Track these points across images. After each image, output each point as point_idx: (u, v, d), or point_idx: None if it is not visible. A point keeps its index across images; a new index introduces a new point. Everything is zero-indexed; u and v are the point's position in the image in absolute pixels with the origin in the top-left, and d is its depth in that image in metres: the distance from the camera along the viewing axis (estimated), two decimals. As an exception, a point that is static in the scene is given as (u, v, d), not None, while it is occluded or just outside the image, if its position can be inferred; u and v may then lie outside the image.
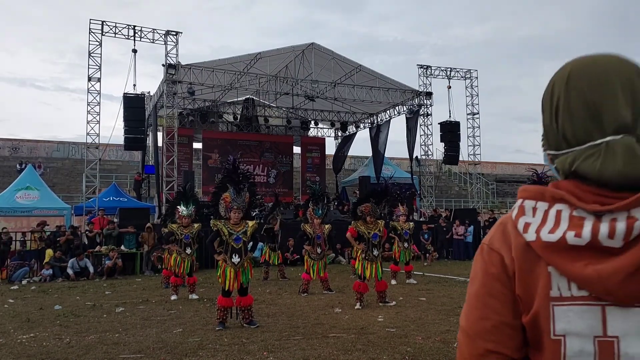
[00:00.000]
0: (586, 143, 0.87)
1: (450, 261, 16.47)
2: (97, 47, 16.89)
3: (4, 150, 27.42)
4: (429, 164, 22.11)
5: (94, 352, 5.30)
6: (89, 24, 16.79)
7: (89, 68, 16.87)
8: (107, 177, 23.11)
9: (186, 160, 21.14)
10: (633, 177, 0.82)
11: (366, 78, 19.94)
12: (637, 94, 0.86)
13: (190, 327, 6.52)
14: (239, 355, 5.10)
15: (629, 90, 0.86)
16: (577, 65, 0.91)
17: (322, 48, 18.84)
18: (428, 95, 21.09)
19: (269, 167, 23.58)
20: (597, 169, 0.84)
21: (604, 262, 0.81)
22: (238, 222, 6.51)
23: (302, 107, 23.85)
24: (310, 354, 5.05)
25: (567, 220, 0.85)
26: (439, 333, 5.83)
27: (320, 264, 9.40)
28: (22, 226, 15.67)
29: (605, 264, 0.81)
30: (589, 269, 0.82)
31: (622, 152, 0.83)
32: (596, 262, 0.82)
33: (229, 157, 6.92)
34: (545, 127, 0.95)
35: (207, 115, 22.39)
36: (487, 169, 34.35)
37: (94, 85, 16.98)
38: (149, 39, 17.27)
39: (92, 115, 17.02)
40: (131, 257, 13.90)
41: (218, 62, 18.06)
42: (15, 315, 7.64)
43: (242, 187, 6.55)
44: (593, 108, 0.87)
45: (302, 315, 7.17)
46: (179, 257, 9.17)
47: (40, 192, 15.61)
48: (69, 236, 13.83)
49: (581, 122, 0.88)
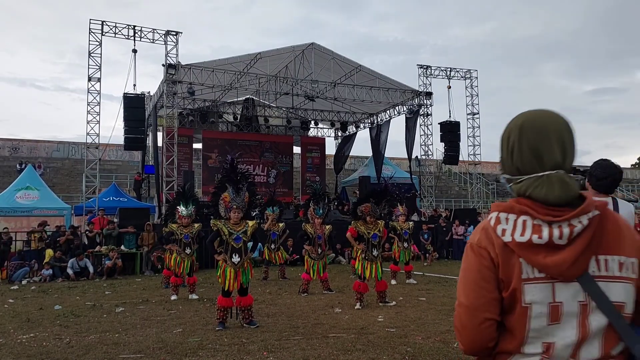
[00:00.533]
0: (532, 174, 1.32)
1: (450, 261, 16.46)
2: (97, 47, 16.90)
3: (4, 150, 27.42)
4: (429, 164, 22.11)
5: (94, 352, 5.30)
6: (89, 24, 16.80)
7: (89, 68, 16.89)
8: (107, 177, 23.11)
9: (186, 160, 21.13)
10: (566, 198, 1.29)
11: (366, 78, 19.93)
12: (565, 143, 1.32)
13: (190, 327, 6.52)
14: (239, 355, 5.10)
15: (560, 140, 1.32)
16: (527, 119, 1.35)
17: (322, 48, 18.83)
18: (428, 95, 21.09)
19: (269, 167, 23.58)
20: (543, 194, 1.30)
21: (555, 254, 1.25)
22: (238, 221, 6.51)
23: (302, 107, 23.85)
24: (310, 354, 5.05)
25: (531, 227, 1.28)
26: (438, 333, 5.83)
27: (320, 264, 9.40)
28: (22, 226, 15.67)
29: (557, 256, 1.25)
30: (547, 259, 1.26)
31: (558, 182, 1.29)
32: (551, 254, 1.26)
33: (228, 156, 6.91)
34: (502, 159, 1.40)
35: (207, 115, 22.38)
36: (487, 169, 34.35)
37: (94, 85, 16.99)
38: (149, 39, 17.28)
39: (92, 115, 17.03)
40: (131, 257, 13.89)
41: (218, 62, 18.05)
42: (15, 315, 7.64)
43: (241, 187, 6.54)
44: (536, 151, 1.31)
45: (302, 315, 7.17)
46: (179, 257, 9.18)
47: (40, 192, 15.62)
48: (69, 236, 13.82)
49: (529, 160, 1.32)
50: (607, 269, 1.29)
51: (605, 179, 3.45)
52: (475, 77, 22.10)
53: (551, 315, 1.27)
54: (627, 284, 1.28)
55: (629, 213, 3.46)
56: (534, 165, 1.32)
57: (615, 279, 1.28)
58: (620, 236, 1.32)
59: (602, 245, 1.30)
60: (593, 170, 3.52)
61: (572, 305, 1.27)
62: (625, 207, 3.46)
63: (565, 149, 1.32)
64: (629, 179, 39.81)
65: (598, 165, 3.51)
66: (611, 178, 3.44)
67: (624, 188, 33.42)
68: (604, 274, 1.28)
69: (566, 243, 1.26)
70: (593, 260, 1.28)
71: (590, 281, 1.27)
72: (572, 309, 1.27)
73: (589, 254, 1.27)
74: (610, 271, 1.29)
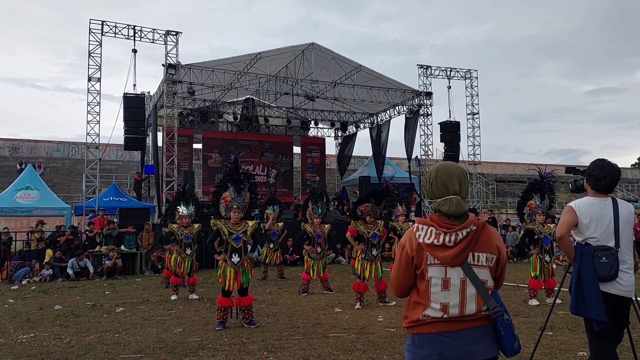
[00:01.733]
0: (442, 197, 2.19)
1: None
2: (97, 47, 16.90)
3: (4, 150, 27.43)
4: (429, 164, 22.10)
5: (94, 352, 5.30)
6: (89, 24, 16.80)
7: (89, 68, 16.88)
8: (107, 177, 23.12)
9: (186, 160, 21.13)
10: (459, 213, 2.14)
11: (366, 78, 19.93)
12: (461, 180, 2.22)
13: (190, 327, 6.52)
14: (239, 355, 5.10)
15: (458, 178, 2.22)
16: (440, 166, 2.28)
17: (322, 48, 18.83)
18: (428, 95, 21.09)
19: (269, 167, 23.58)
20: (446, 209, 2.15)
21: (446, 251, 2.11)
22: (238, 221, 6.51)
23: (302, 107, 23.85)
24: (310, 354, 5.06)
25: (434, 234, 2.13)
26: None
27: (320, 264, 9.40)
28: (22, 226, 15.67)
29: (447, 252, 2.11)
30: (441, 253, 2.11)
31: (456, 202, 2.16)
32: (444, 251, 2.11)
33: (230, 156, 6.90)
34: (426, 190, 2.30)
35: (207, 115, 22.38)
36: (487, 169, 34.36)
37: (94, 85, 16.99)
38: (149, 39, 17.28)
39: (92, 115, 17.02)
40: (131, 257, 13.89)
41: (218, 62, 18.05)
42: (15, 315, 7.64)
43: (242, 187, 6.55)
44: (445, 185, 2.21)
45: (302, 315, 7.17)
46: (179, 257, 9.18)
47: (40, 192, 15.61)
48: (69, 236, 13.83)
49: (440, 189, 2.21)
50: (478, 261, 2.16)
51: (604, 178, 3.44)
52: (475, 77, 22.11)
53: (443, 285, 2.14)
54: (487, 269, 2.18)
55: (628, 212, 3.46)
56: (443, 192, 2.22)
57: (482, 267, 2.17)
58: (489, 241, 2.19)
59: (477, 246, 2.16)
60: (591, 170, 3.51)
61: (456, 280, 2.14)
62: (624, 207, 3.46)
63: (461, 183, 2.24)
64: (628, 178, 39.83)
65: (596, 165, 3.50)
66: (610, 177, 3.44)
67: (623, 188, 33.43)
68: (476, 263, 2.16)
69: (453, 245, 2.14)
70: (471, 255, 2.15)
71: (468, 267, 2.14)
72: (456, 282, 2.14)
73: (467, 251, 2.14)
74: (480, 262, 2.16)
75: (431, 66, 21.41)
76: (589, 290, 3.29)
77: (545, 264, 8.04)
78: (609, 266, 3.28)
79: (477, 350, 2.11)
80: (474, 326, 2.14)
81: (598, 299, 3.25)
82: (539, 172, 8.21)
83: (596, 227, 3.38)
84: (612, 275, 3.27)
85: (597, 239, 3.37)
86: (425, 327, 2.15)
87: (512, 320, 2.19)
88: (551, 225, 8.23)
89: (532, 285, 8.04)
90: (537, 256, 8.07)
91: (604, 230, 3.37)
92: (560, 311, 6.82)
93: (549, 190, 8.22)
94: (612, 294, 3.29)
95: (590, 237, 3.40)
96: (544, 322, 4.15)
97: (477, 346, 2.11)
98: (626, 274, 3.32)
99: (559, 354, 4.92)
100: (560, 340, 5.45)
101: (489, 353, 2.13)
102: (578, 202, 3.50)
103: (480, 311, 2.13)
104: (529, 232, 8.29)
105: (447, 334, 2.12)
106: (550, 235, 8.05)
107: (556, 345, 5.25)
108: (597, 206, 3.42)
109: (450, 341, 2.10)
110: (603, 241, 3.36)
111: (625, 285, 3.30)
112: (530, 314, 7.08)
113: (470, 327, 2.13)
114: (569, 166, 4.05)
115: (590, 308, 3.27)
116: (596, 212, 3.40)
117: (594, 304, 3.25)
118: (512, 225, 17.85)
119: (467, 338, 2.12)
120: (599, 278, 3.29)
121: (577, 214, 3.43)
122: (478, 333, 2.14)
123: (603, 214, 3.40)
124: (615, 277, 3.28)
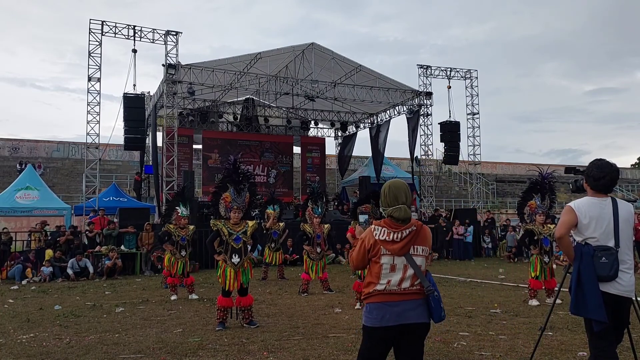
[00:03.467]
0: (393, 206, 3.00)
1: (450, 261, 16.47)
2: (97, 47, 16.89)
3: (4, 150, 27.43)
4: (429, 164, 22.12)
5: (94, 352, 5.30)
6: (89, 24, 16.80)
7: (89, 68, 16.87)
8: (107, 177, 23.12)
9: (186, 160, 21.13)
10: (405, 217, 2.98)
11: (366, 78, 19.93)
12: (406, 193, 3.05)
13: (190, 327, 6.52)
14: (239, 355, 5.10)
15: (405, 192, 3.05)
16: (391, 184, 3.10)
17: (322, 48, 18.82)
18: (428, 95, 21.09)
19: (269, 167, 23.58)
20: (397, 215, 2.97)
21: (394, 244, 2.94)
22: (238, 222, 6.51)
23: (302, 107, 23.84)
24: (310, 354, 5.05)
25: (386, 233, 2.96)
26: (438, 333, 5.83)
27: (320, 264, 9.40)
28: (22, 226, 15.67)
29: (395, 245, 2.94)
30: (391, 247, 2.94)
31: (403, 209, 2.98)
32: (392, 245, 2.94)
33: (229, 157, 6.90)
34: (382, 200, 3.09)
35: (207, 115, 22.38)
36: (487, 169, 34.36)
37: (94, 85, 16.98)
38: (149, 39, 17.27)
39: (92, 115, 17.02)
40: (131, 257, 13.89)
41: (218, 62, 18.05)
42: (15, 315, 7.64)
43: (242, 187, 6.55)
44: (395, 196, 3.03)
45: (302, 315, 7.17)
46: (172, 258, 9.16)
47: (40, 192, 15.60)
48: (69, 236, 13.82)
49: (392, 200, 3.03)
50: (417, 251, 2.97)
51: (603, 178, 3.44)
52: (475, 77, 22.09)
53: (391, 268, 2.93)
54: (423, 258, 3.00)
55: (628, 212, 3.45)
56: (394, 202, 3.00)
57: (419, 256, 2.98)
58: (425, 237, 3.02)
59: (417, 241, 2.97)
60: (589, 171, 3.51)
61: (400, 265, 2.94)
62: (624, 207, 3.46)
63: (407, 195, 3.03)
64: (628, 179, 39.82)
65: (594, 166, 3.50)
66: (609, 177, 3.43)
67: (623, 188, 33.43)
68: (416, 253, 2.97)
69: (399, 240, 2.93)
70: (412, 247, 2.95)
71: (409, 256, 2.94)
72: (400, 267, 2.94)
73: (409, 245, 2.94)
74: (418, 252, 2.98)
75: (431, 66, 21.41)
76: (588, 291, 3.28)
77: (545, 264, 8.04)
78: (608, 266, 3.28)
79: (410, 316, 2.89)
80: (410, 299, 2.92)
81: (598, 299, 3.24)
82: (539, 172, 8.21)
83: (596, 227, 3.38)
84: (612, 275, 3.27)
85: (597, 239, 3.37)
86: (374, 298, 2.95)
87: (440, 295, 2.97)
88: (551, 225, 8.22)
89: (532, 286, 8.03)
90: (537, 256, 8.07)
91: (604, 230, 3.36)
92: (560, 311, 6.82)
93: (549, 191, 8.22)
94: (612, 294, 3.29)
95: (590, 237, 3.40)
96: (544, 322, 4.15)
97: (410, 313, 2.89)
98: (626, 274, 3.31)
99: (559, 354, 4.92)
100: (560, 340, 5.45)
101: (420, 319, 2.91)
102: (577, 202, 3.50)
103: (413, 285, 2.93)
104: (529, 232, 8.29)
105: (388, 303, 2.90)
106: (550, 236, 8.04)
107: (556, 345, 5.25)
108: (597, 206, 3.42)
109: (389, 308, 2.89)
110: (603, 241, 3.36)
111: (625, 286, 3.30)
112: (530, 314, 7.08)
113: (406, 299, 2.91)
114: (569, 166, 4.04)
115: (590, 308, 3.27)
116: (596, 212, 3.40)
117: (593, 304, 3.25)
118: (512, 225, 17.86)
119: (403, 307, 2.90)
120: (599, 278, 3.28)
121: (577, 214, 3.43)
122: (412, 304, 2.91)
123: (603, 214, 3.39)
124: (616, 277, 3.28)
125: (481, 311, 7.30)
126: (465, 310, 7.40)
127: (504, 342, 5.42)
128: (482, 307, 7.61)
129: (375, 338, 2.93)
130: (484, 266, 14.57)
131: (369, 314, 2.95)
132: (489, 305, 7.83)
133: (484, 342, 5.43)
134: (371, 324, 2.92)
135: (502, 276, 11.87)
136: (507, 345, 5.28)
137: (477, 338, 5.64)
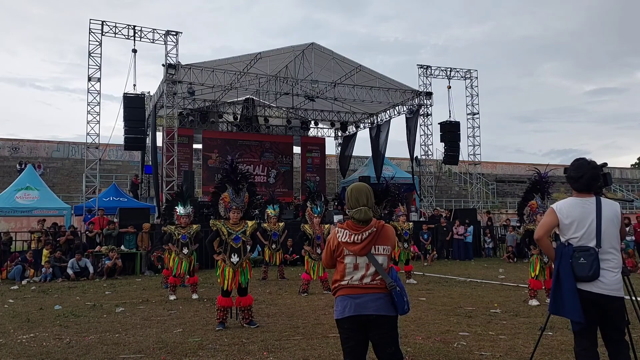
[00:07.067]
0: (355, 208, 3.20)
1: (450, 261, 16.47)
2: (97, 47, 16.90)
3: (4, 150, 27.42)
4: (429, 164, 22.11)
5: (94, 352, 5.30)
6: (89, 24, 16.81)
7: (89, 68, 16.88)
8: (107, 177, 23.13)
9: (186, 160, 21.13)
10: (366, 219, 3.17)
11: (366, 78, 19.93)
12: (368, 195, 3.24)
13: (190, 327, 6.52)
14: (239, 355, 5.10)
15: (366, 195, 3.24)
16: (353, 187, 3.30)
17: (322, 48, 18.83)
18: (428, 95, 21.10)
19: (269, 167, 23.58)
20: (357, 217, 3.17)
21: (356, 245, 3.15)
22: (237, 221, 6.51)
23: (302, 107, 23.85)
24: (310, 354, 5.05)
25: (348, 235, 3.18)
26: (439, 333, 5.83)
27: (320, 264, 9.39)
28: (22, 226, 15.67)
29: (356, 246, 3.15)
30: (352, 247, 3.16)
31: (364, 211, 3.18)
32: (354, 246, 3.16)
33: (227, 157, 6.91)
34: (346, 203, 3.28)
35: (207, 115, 22.39)
36: (487, 169, 34.36)
37: (94, 85, 16.99)
38: (149, 39, 17.28)
39: (92, 115, 17.02)
40: (131, 257, 13.88)
41: (218, 62, 18.05)
42: (15, 315, 7.63)
43: (241, 187, 6.55)
44: (356, 199, 3.23)
45: (302, 315, 7.17)
46: (177, 257, 9.17)
47: (40, 192, 15.60)
48: (69, 236, 13.82)
49: (354, 202, 3.22)
50: (378, 251, 3.15)
51: (581, 177, 3.44)
52: (475, 77, 22.10)
53: (354, 267, 3.16)
54: (385, 256, 3.17)
55: (613, 212, 3.44)
56: (356, 204, 3.19)
57: (381, 254, 3.16)
58: (386, 237, 3.20)
59: (378, 241, 3.16)
60: (568, 172, 3.52)
61: (363, 264, 3.15)
62: (608, 207, 3.45)
63: (368, 198, 3.21)
64: (628, 179, 39.81)
65: (572, 167, 3.51)
66: (587, 175, 3.43)
67: (623, 188, 33.42)
68: (378, 252, 3.15)
69: (360, 241, 3.13)
70: (374, 247, 3.14)
71: (371, 255, 3.13)
72: (363, 265, 3.15)
73: (370, 245, 3.13)
74: (379, 251, 3.16)
75: (431, 66, 21.42)
76: (566, 291, 3.31)
77: (544, 264, 8.04)
78: (587, 267, 3.29)
79: (369, 307, 3.08)
80: (371, 292, 3.12)
81: (574, 299, 3.27)
82: (538, 173, 8.22)
83: (577, 228, 3.39)
84: (590, 275, 3.28)
85: (579, 238, 3.38)
86: (339, 292, 3.21)
87: (404, 289, 3.15)
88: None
89: (532, 286, 8.04)
90: (537, 256, 8.08)
91: (586, 230, 3.37)
92: (560, 311, 6.81)
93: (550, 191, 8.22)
94: (595, 292, 3.29)
95: (572, 237, 3.41)
96: (544, 322, 4.15)
97: (369, 304, 3.09)
98: (610, 272, 3.30)
99: (559, 354, 4.92)
100: (560, 340, 5.45)
101: (380, 311, 3.09)
102: (560, 203, 3.52)
103: (374, 281, 3.13)
104: (529, 232, 8.28)
105: (350, 295, 3.14)
106: (550, 236, 8.04)
107: (556, 345, 5.25)
108: (579, 206, 3.43)
109: (351, 301, 3.13)
110: (585, 241, 3.36)
111: (607, 284, 3.28)
112: (530, 314, 7.08)
113: (368, 293, 3.12)
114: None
115: (567, 308, 3.30)
116: (577, 213, 3.41)
117: (570, 304, 3.28)
118: (512, 225, 17.85)
119: (364, 299, 3.11)
120: (578, 278, 3.31)
121: (558, 215, 3.46)
122: (373, 297, 3.11)
123: (585, 213, 3.40)
124: (596, 277, 3.28)
125: (481, 311, 7.30)
126: (465, 310, 7.40)
127: (504, 342, 5.42)
128: (482, 307, 7.61)
129: (344, 329, 3.17)
130: (484, 266, 14.57)
131: (336, 307, 3.21)
132: (489, 305, 7.83)
133: (484, 342, 5.43)
134: (337, 316, 3.19)
135: (502, 276, 11.87)
136: (507, 345, 5.28)
137: (477, 338, 5.64)
